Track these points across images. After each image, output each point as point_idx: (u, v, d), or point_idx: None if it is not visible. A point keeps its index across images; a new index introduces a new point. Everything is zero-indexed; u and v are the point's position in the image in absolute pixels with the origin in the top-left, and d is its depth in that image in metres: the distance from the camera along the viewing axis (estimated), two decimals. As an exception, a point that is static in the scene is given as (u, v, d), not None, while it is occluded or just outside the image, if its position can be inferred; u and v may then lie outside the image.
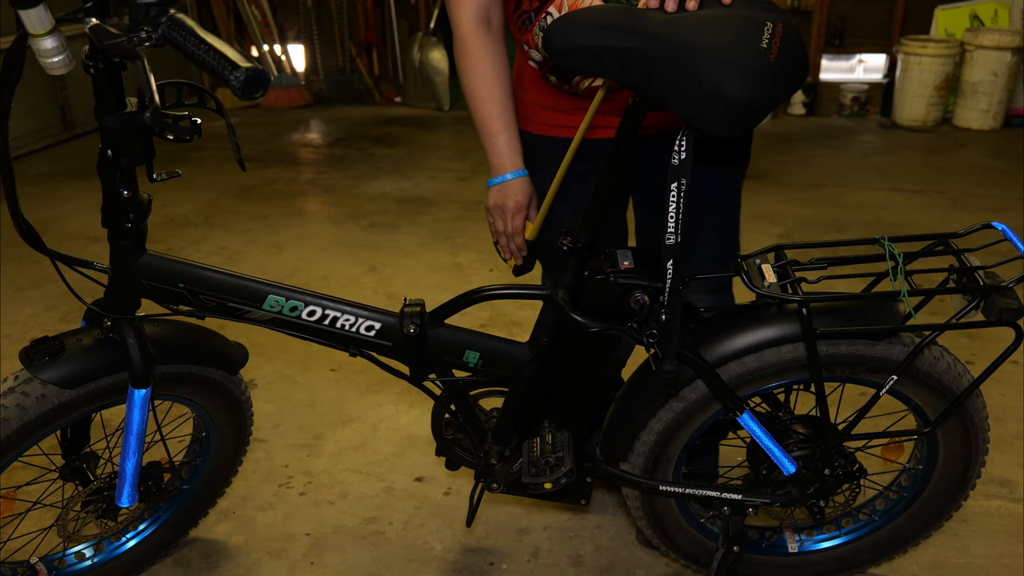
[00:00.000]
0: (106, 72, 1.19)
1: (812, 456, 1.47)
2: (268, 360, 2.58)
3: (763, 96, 1.12)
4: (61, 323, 2.86)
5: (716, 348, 1.39)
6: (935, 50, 5.11)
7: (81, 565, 1.65)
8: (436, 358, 1.44)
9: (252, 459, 2.11)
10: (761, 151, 4.87)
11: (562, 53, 1.16)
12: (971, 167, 4.52)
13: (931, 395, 1.43)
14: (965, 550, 1.78)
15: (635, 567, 1.76)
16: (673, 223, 1.23)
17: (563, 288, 1.37)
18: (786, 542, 1.67)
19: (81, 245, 3.57)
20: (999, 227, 1.33)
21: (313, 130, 5.55)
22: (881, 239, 1.38)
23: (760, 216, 3.80)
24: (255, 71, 0.97)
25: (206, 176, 4.48)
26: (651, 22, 1.14)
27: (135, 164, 1.27)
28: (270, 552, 1.82)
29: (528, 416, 1.50)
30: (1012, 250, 1.31)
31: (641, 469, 1.50)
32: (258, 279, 1.38)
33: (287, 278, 3.16)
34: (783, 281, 1.36)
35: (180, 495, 1.73)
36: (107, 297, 1.38)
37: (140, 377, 1.38)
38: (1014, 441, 2.13)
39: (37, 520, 1.78)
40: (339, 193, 4.23)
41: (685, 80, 1.10)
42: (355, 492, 2.01)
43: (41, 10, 1.12)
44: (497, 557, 1.79)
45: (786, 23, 1.18)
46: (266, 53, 6.11)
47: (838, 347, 1.38)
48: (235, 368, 1.58)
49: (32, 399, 1.34)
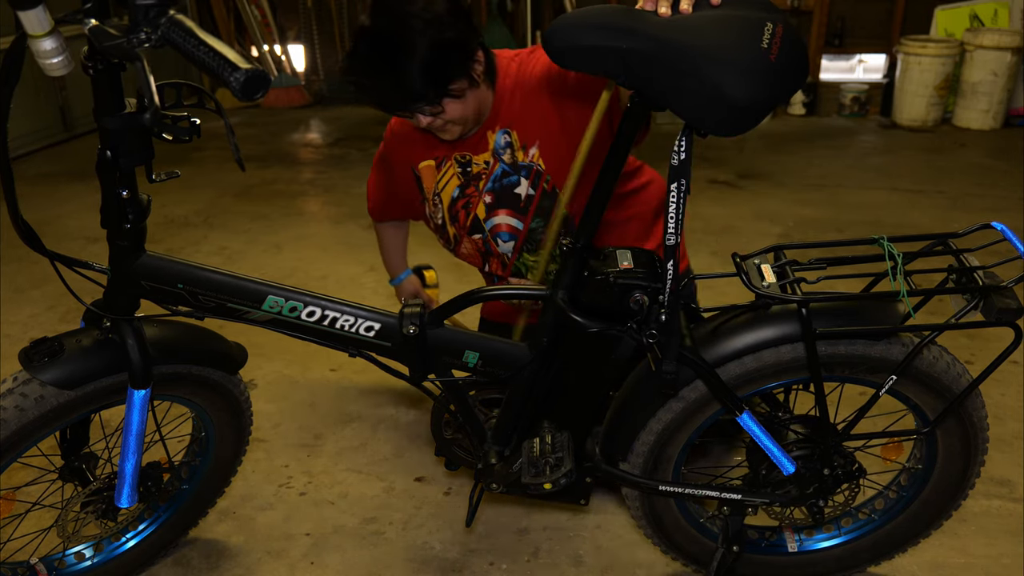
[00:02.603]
0: (105, 73, 1.19)
1: (811, 456, 1.47)
2: (268, 360, 2.58)
3: (764, 97, 1.12)
4: (60, 323, 2.86)
5: (715, 348, 1.39)
6: (935, 50, 5.11)
7: (81, 565, 1.65)
8: (436, 358, 1.44)
9: (252, 459, 2.11)
10: (761, 151, 4.87)
11: (562, 53, 1.17)
12: (971, 167, 4.52)
13: (930, 395, 1.43)
14: (965, 550, 1.78)
15: (635, 567, 1.76)
16: (673, 223, 1.24)
17: (563, 288, 1.37)
18: (786, 542, 1.67)
19: (80, 245, 3.57)
20: (999, 227, 1.33)
21: (313, 130, 5.55)
22: (880, 239, 1.38)
23: (760, 216, 3.80)
24: (255, 72, 0.97)
25: (206, 176, 4.48)
26: (651, 23, 1.14)
27: (134, 165, 1.27)
28: (270, 552, 1.82)
29: (528, 416, 1.50)
30: (1012, 250, 1.31)
31: (641, 469, 1.50)
32: (257, 280, 1.38)
33: (286, 278, 3.16)
34: (782, 281, 1.36)
35: (180, 495, 1.73)
36: (106, 298, 1.38)
37: (139, 378, 1.38)
38: (1014, 441, 2.13)
39: (37, 520, 1.78)
40: (339, 193, 4.23)
41: (686, 81, 1.10)
42: (355, 492, 2.01)
43: (40, 11, 1.11)
44: (497, 557, 1.79)
45: (786, 23, 1.18)
46: (266, 53, 6.11)
47: (837, 347, 1.38)
48: (235, 368, 1.58)
49: (31, 400, 1.34)
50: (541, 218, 1.72)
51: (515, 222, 1.74)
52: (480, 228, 1.77)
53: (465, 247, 1.83)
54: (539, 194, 1.71)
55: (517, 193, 1.72)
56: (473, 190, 1.74)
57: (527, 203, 1.72)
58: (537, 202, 1.72)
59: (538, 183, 1.70)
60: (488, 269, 1.85)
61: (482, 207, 1.74)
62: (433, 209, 1.82)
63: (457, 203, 1.77)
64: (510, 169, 1.70)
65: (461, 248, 1.84)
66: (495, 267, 1.82)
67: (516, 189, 1.71)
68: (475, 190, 1.74)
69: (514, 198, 1.72)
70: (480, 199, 1.74)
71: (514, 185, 1.71)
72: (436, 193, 1.79)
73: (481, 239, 1.78)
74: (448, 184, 1.76)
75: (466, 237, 1.80)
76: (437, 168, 1.78)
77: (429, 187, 1.80)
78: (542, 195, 1.71)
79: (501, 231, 1.75)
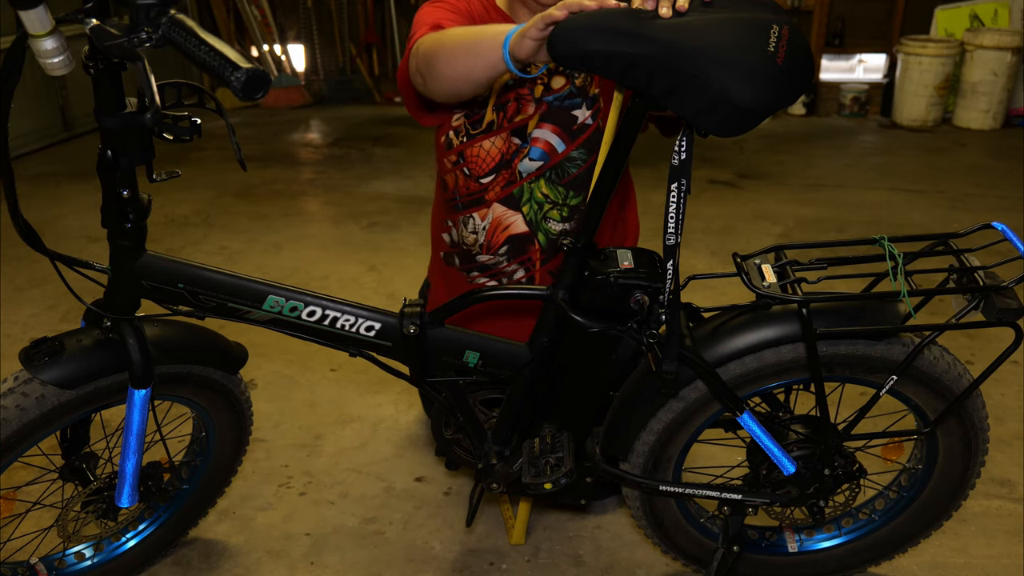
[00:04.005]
0: (106, 72, 1.19)
1: (812, 456, 1.47)
2: (268, 360, 2.58)
3: (771, 99, 1.13)
4: (61, 323, 2.86)
5: (716, 348, 1.39)
6: (935, 50, 5.11)
7: (81, 565, 1.65)
8: (436, 358, 1.44)
9: (252, 459, 2.11)
10: (761, 151, 4.87)
11: (567, 57, 1.16)
12: (971, 167, 4.52)
13: (931, 395, 1.43)
14: (965, 550, 1.78)
15: (635, 567, 1.76)
16: (673, 223, 1.24)
17: (563, 288, 1.37)
18: (786, 542, 1.67)
19: (81, 245, 3.57)
20: (999, 227, 1.33)
21: (313, 130, 5.55)
22: (881, 239, 1.38)
23: (760, 216, 3.80)
24: (256, 72, 0.97)
25: (206, 176, 4.48)
26: (657, 27, 1.14)
27: (135, 164, 1.27)
28: (270, 552, 1.82)
29: (528, 416, 1.50)
30: (1012, 250, 1.31)
31: (641, 469, 1.50)
32: (258, 279, 1.38)
33: (287, 278, 3.16)
34: (783, 281, 1.36)
35: (180, 495, 1.73)
36: (107, 297, 1.38)
37: (140, 377, 1.38)
38: (1014, 441, 2.13)
39: (37, 520, 1.78)
40: (339, 193, 4.23)
41: (693, 83, 1.10)
42: (355, 492, 2.01)
43: (41, 11, 1.12)
44: (497, 557, 1.79)
45: (791, 25, 1.18)
46: (266, 53, 6.11)
47: (838, 347, 1.38)
48: (235, 368, 1.58)
49: (32, 400, 1.34)
50: (585, 149, 1.66)
51: (558, 142, 1.65)
52: (523, 135, 1.66)
53: (492, 142, 1.65)
54: (594, 127, 1.65)
55: (575, 115, 1.65)
56: (526, 91, 1.64)
57: (580, 130, 1.65)
58: (590, 133, 1.65)
59: (597, 117, 1.65)
60: (487, 182, 1.69)
61: (536, 117, 1.65)
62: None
63: (510, 91, 1.65)
64: (576, 91, 1.65)
65: (485, 141, 1.66)
66: (501, 180, 1.68)
67: (575, 111, 1.65)
68: (528, 91, 1.64)
69: (570, 119, 1.65)
70: (534, 106, 1.64)
71: (575, 107, 1.65)
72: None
73: (518, 145, 1.66)
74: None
75: (506, 132, 1.65)
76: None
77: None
78: (596, 129, 1.65)
79: (538, 146, 1.66)
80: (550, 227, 1.70)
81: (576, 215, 1.70)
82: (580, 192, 1.69)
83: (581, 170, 1.67)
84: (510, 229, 1.71)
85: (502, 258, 1.74)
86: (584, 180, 1.67)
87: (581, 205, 1.68)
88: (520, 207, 1.70)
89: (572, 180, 1.67)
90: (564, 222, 1.70)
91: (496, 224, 1.71)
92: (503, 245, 1.73)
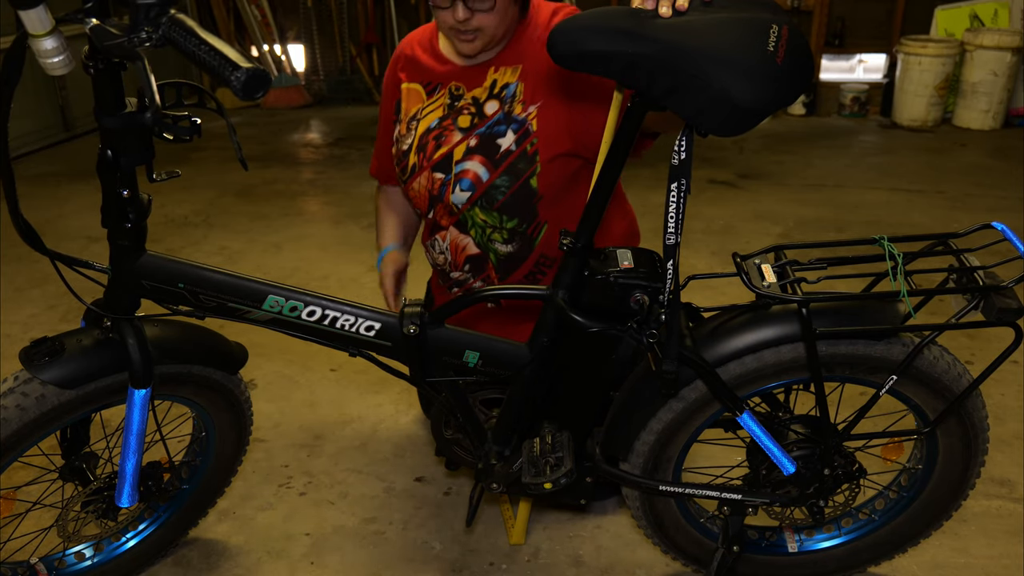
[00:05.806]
0: (106, 72, 1.19)
1: (812, 456, 1.47)
2: (268, 360, 2.58)
3: (770, 99, 1.13)
4: (61, 323, 2.86)
5: (716, 348, 1.39)
6: (935, 50, 5.11)
7: (81, 565, 1.65)
8: (436, 358, 1.44)
9: (252, 459, 2.11)
10: (761, 151, 4.87)
11: (566, 58, 1.16)
12: (971, 167, 4.52)
13: (931, 395, 1.43)
14: (965, 550, 1.78)
15: (635, 567, 1.76)
16: (673, 223, 1.24)
17: (563, 288, 1.37)
18: (786, 542, 1.67)
19: (81, 245, 3.57)
20: (999, 227, 1.33)
21: (313, 130, 5.55)
22: (881, 239, 1.38)
23: (760, 216, 3.80)
24: (256, 71, 0.97)
25: (206, 176, 4.48)
26: (657, 26, 1.14)
27: (135, 164, 1.27)
28: (270, 552, 1.82)
29: (528, 416, 1.50)
30: (1012, 250, 1.31)
31: (641, 469, 1.50)
32: (258, 279, 1.38)
33: (287, 278, 3.16)
34: (783, 281, 1.36)
35: (180, 495, 1.73)
36: (107, 297, 1.38)
37: (140, 377, 1.38)
38: (1014, 441, 2.13)
39: (37, 520, 1.78)
40: (339, 193, 4.23)
41: (693, 83, 1.10)
42: (355, 492, 2.01)
43: (41, 11, 1.12)
44: (497, 557, 1.79)
45: (791, 25, 1.18)
46: (266, 53, 6.11)
47: (838, 347, 1.38)
48: (235, 368, 1.58)
49: (32, 399, 1.34)
50: (509, 176, 1.68)
51: (483, 172, 1.69)
52: (448, 168, 1.72)
53: (419, 183, 1.76)
54: (519, 152, 1.67)
55: (499, 144, 1.68)
56: (450, 123, 1.71)
57: (503, 157, 1.68)
58: (513, 159, 1.68)
59: (523, 142, 1.67)
60: (432, 216, 1.80)
61: (462, 148, 1.70)
62: (404, 133, 1.77)
63: (431, 133, 1.73)
64: (503, 119, 1.68)
65: (414, 182, 1.77)
66: (440, 214, 1.77)
67: (499, 139, 1.68)
68: (451, 124, 1.71)
69: (494, 148, 1.68)
70: (459, 137, 1.70)
71: (499, 135, 1.68)
72: (414, 118, 1.75)
73: (442, 180, 1.72)
74: (431, 113, 1.73)
75: (427, 171, 1.74)
76: (427, 94, 1.74)
77: (408, 110, 1.77)
78: (521, 154, 1.68)
79: (465, 178, 1.70)
80: (497, 248, 1.75)
81: (517, 237, 1.73)
82: (513, 215, 1.71)
83: (507, 196, 1.69)
84: (466, 250, 1.78)
85: (468, 275, 1.82)
86: (512, 205, 1.70)
87: (518, 227, 1.72)
88: (468, 231, 1.77)
89: (502, 205, 1.70)
90: (507, 244, 1.74)
91: (454, 246, 1.80)
92: (465, 263, 1.80)
